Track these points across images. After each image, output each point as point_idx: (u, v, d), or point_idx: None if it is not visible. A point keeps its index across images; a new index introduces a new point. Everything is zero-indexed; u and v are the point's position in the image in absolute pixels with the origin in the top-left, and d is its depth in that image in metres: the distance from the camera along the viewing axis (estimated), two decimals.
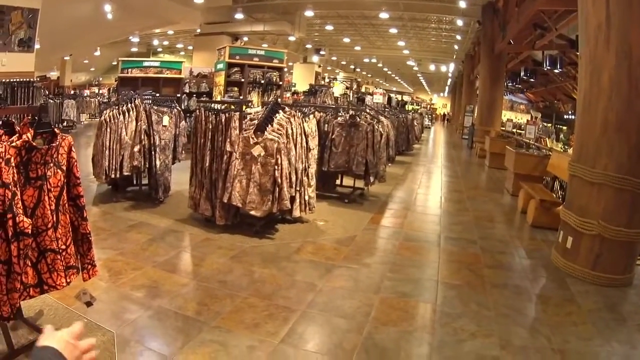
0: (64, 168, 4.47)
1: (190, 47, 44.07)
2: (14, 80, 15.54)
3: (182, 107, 17.80)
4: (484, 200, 14.22)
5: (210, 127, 8.85)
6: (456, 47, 43.02)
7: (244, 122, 8.76)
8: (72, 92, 34.85)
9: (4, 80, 14.79)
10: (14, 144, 3.97)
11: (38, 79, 21.40)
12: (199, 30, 35.90)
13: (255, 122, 8.69)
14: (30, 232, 4.03)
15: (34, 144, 4.12)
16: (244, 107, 9.48)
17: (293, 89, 36.95)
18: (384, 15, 31.31)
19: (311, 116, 10.30)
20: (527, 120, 32.28)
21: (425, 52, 50.33)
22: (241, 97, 18.04)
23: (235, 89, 19.17)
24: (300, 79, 44.05)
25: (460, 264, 8.30)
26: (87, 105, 30.78)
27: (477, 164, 23.73)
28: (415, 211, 12.21)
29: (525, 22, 18.99)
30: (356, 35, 44.44)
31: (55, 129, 4.42)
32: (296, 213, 9.36)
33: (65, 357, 1.60)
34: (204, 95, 20.90)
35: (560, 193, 12.55)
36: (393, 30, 38.22)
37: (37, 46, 17.36)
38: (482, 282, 7.51)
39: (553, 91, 40.50)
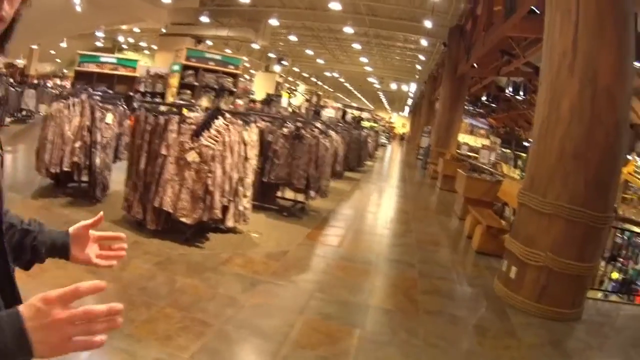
0: None
1: (155, 47, 43.59)
2: None
3: (135, 106, 17.44)
4: (431, 223, 13.91)
5: (149, 128, 8.41)
6: (419, 67, 43.20)
7: (183, 126, 8.29)
8: (35, 81, 34.42)
9: None
10: None
11: (2, 67, 20.99)
12: (164, 30, 35.59)
13: (194, 127, 8.26)
14: None
15: None
16: (185, 110, 9.04)
17: (252, 96, 36.85)
18: (349, 30, 31.19)
19: (252, 125, 9.82)
20: (483, 145, 32.16)
21: (388, 70, 50.61)
22: (193, 101, 17.63)
23: (188, 92, 18.96)
24: (261, 87, 43.93)
25: (396, 288, 7.91)
26: (48, 96, 30.20)
27: (428, 185, 23.55)
28: (356, 230, 11.83)
29: (490, 47, 18.80)
30: (320, 48, 44.46)
31: None
32: (229, 223, 8.92)
33: (26, 326, 1.23)
34: (159, 96, 20.57)
35: (512, 220, 12.27)
36: (357, 46, 38.31)
37: None
38: (416, 308, 7.08)
39: (515, 118, 40.64)
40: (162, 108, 9.19)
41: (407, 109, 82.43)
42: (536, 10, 13.23)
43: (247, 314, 6.03)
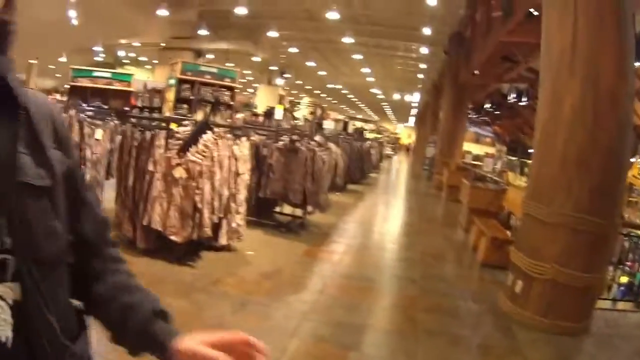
0: None
1: (156, 61, 43.38)
2: None
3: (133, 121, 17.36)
4: (435, 236, 13.55)
5: (136, 144, 8.10)
6: (422, 76, 42.83)
7: (170, 141, 8.01)
8: None
9: None
10: None
11: None
12: (163, 44, 35.47)
13: (182, 142, 7.96)
14: None
15: None
16: (174, 125, 8.78)
17: (254, 110, 36.79)
18: (349, 40, 30.88)
19: (243, 139, 9.50)
20: (486, 153, 31.86)
21: (391, 81, 50.28)
22: (189, 115, 17.45)
23: (185, 106, 18.66)
24: (265, 100, 43.71)
25: (395, 307, 7.60)
26: None
27: (433, 196, 23.17)
28: (357, 245, 11.42)
29: (489, 53, 18.55)
30: (322, 60, 44.11)
31: None
32: (222, 240, 8.57)
33: None
34: (156, 111, 20.34)
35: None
36: (358, 57, 37.92)
37: None
38: (415, 328, 6.71)
39: (519, 125, 40.39)
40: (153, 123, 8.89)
41: (412, 119, 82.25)
42: (534, 13, 12.88)
43: None
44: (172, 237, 7.68)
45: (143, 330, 1.43)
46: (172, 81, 19.50)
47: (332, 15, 24.87)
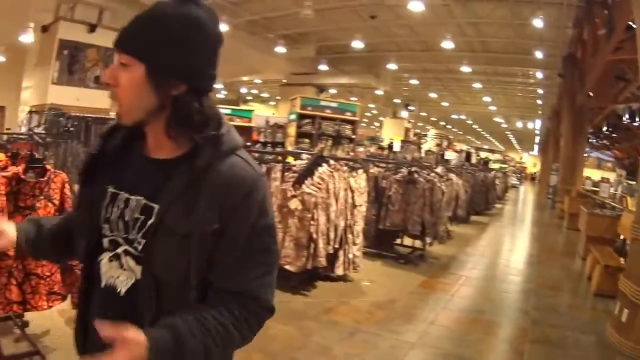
0: (56, 202, 4.80)
1: (279, 97, 44.11)
2: (89, 116, 15.53)
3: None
4: (552, 266, 13.31)
5: None
6: (540, 102, 42.11)
7: (287, 173, 8.44)
8: None
9: (78, 114, 14.74)
10: (3, 174, 4.49)
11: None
12: (284, 80, 36.12)
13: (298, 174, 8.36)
14: (12, 254, 4.42)
15: (23, 176, 4.59)
16: (291, 158, 9.21)
17: (380, 143, 36.92)
18: (467, 69, 30.84)
19: (360, 171, 9.71)
20: (602, 178, 30.85)
21: (512, 108, 49.48)
22: (311, 150, 17.74)
23: (307, 140, 18.87)
24: (391, 133, 43.63)
25: (504, 339, 7.62)
26: None
27: (555, 226, 22.64)
28: (474, 277, 11.37)
29: (599, 73, 18.11)
30: (443, 90, 44.05)
31: (47, 165, 4.83)
32: (339, 271, 8.85)
33: None
34: (279, 145, 20.69)
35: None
36: (477, 85, 37.66)
37: None
38: None
39: (636, 146, 38.97)
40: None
41: (536, 147, 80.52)
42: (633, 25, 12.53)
43: None
44: (287, 267, 8.00)
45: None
46: (293, 116, 19.65)
47: (447, 44, 24.94)
